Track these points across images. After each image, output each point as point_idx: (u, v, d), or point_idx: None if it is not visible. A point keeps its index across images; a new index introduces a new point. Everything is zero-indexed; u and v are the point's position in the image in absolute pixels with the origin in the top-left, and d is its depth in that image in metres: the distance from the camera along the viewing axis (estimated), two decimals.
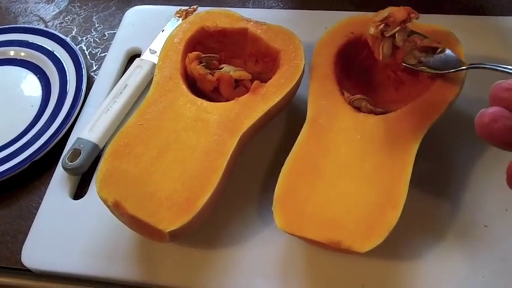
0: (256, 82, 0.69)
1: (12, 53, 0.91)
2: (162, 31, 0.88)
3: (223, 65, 0.73)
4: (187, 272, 0.66)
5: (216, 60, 0.74)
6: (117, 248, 0.68)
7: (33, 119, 0.83)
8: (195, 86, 0.73)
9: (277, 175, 0.64)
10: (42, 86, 0.87)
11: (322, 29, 0.77)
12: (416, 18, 0.66)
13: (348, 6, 0.90)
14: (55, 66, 0.87)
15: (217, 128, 0.66)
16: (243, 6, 0.95)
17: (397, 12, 0.66)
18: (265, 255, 0.66)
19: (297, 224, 0.60)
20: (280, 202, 0.61)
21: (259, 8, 0.94)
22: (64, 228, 0.71)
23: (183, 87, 0.70)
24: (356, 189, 0.61)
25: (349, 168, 0.63)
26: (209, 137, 0.65)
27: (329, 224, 0.59)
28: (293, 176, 0.63)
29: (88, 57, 0.90)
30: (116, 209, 0.61)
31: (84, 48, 0.92)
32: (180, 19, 0.88)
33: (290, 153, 0.64)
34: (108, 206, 0.63)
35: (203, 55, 0.73)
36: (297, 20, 0.85)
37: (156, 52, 0.85)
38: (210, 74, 0.71)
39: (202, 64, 0.72)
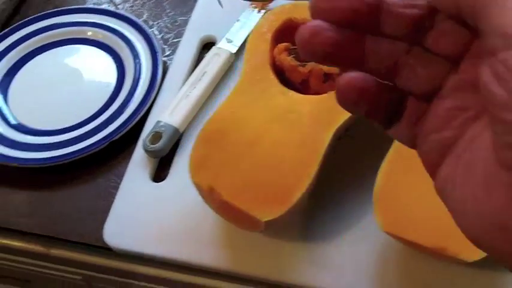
0: None
1: (89, 33, 0.91)
2: (238, 21, 0.88)
3: None
4: (272, 263, 0.66)
5: None
6: (200, 234, 0.69)
7: (109, 99, 0.83)
8: (282, 78, 0.73)
9: (368, 172, 0.64)
10: (116, 67, 0.87)
11: None
12: None
13: None
14: (129, 49, 0.88)
15: (310, 121, 0.66)
16: None
17: None
18: (357, 252, 0.65)
19: (400, 226, 0.59)
20: (381, 202, 0.61)
21: None
22: (146, 209, 0.72)
23: (273, 78, 0.71)
24: None
25: None
26: (303, 129, 0.66)
27: (435, 228, 0.57)
28: (394, 175, 0.62)
29: (160, 42, 0.90)
30: (210, 194, 0.62)
31: (156, 32, 0.92)
32: (256, 10, 0.89)
33: (389, 151, 0.64)
34: (201, 192, 0.63)
35: (292, 46, 0.73)
36: None
37: (232, 41, 0.85)
38: (301, 66, 0.71)
39: (292, 56, 0.72)
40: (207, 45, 0.88)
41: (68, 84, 0.86)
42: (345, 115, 0.66)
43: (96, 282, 0.80)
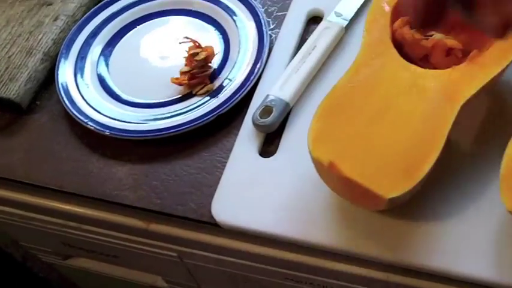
0: (475, 51, 0.66)
1: (195, 4, 0.89)
2: None
3: (432, 32, 0.70)
4: (390, 243, 0.63)
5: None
6: (313, 211, 0.66)
7: (215, 71, 0.81)
8: (401, 52, 0.69)
9: (486, 151, 0.64)
10: (221, 38, 0.85)
11: None
12: None
13: None
14: (233, 20, 0.85)
15: (436, 96, 0.63)
16: None
17: None
18: (476, 232, 0.62)
19: None
20: (509, 182, 0.57)
21: None
22: (255, 185, 0.69)
23: (394, 51, 0.67)
24: None
25: None
26: (428, 104, 0.62)
27: None
28: None
29: (264, 15, 0.88)
30: (331, 170, 0.59)
31: (260, 6, 0.89)
32: None
33: None
34: (319, 167, 0.61)
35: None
36: None
37: (342, 15, 0.82)
38: (425, 39, 0.68)
39: (414, 30, 0.69)
40: (312, 19, 0.85)
41: (172, 56, 0.84)
42: (472, 89, 0.63)
43: (192, 259, 0.78)
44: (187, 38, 0.80)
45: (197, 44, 0.80)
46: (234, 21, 0.86)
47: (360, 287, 0.69)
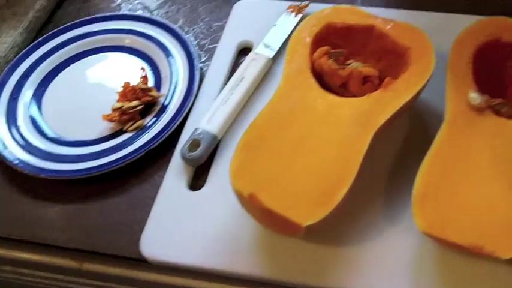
0: (388, 78, 0.68)
1: (127, 40, 0.90)
2: (274, 25, 0.87)
3: (350, 61, 0.72)
4: (311, 269, 0.64)
5: (341, 57, 0.73)
6: (239, 242, 0.67)
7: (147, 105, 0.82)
8: (320, 82, 0.71)
9: (403, 174, 0.65)
10: (152, 74, 0.86)
11: (437, 30, 0.75)
12: None
13: (458, 7, 0.87)
14: (165, 55, 0.86)
15: (351, 123, 0.65)
16: (351, 3, 0.92)
17: None
18: (391, 256, 0.64)
19: (438, 226, 0.58)
20: (421, 203, 0.60)
21: (367, 6, 0.92)
22: (183, 219, 0.70)
23: (313, 82, 0.70)
24: (499, 194, 0.59)
25: (491, 173, 0.61)
26: (343, 131, 0.64)
27: (472, 228, 0.58)
28: (433, 176, 0.61)
29: (196, 48, 0.89)
30: (251, 201, 0.60)
31: (192, 39, 0.90)
32: (293, 14, 0.87)
33: (428, 153, 0.63)
34: (241, 199, 0.62)
35: (332, 50, 0.72)
36: (408, 20, 0.82)
37: (269, 46, 0.84)
38: (341, 69, 0.70)
39: (331, 59, 0.71)
40: (242, 51, 0.87)
41: (103, 93, 0.85)
42: (384, 116, 0.65)
43: None
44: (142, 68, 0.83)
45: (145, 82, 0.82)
46: (166, 56, 0.86)
47: None
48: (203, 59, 0.88)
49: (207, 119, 0.76)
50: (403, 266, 0.63)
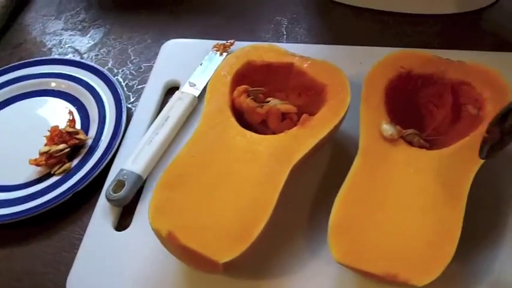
0: (304, 115, 0.70)
1: (53, 84, 0.91)
2: (201, 64, 0.88)
3: (269, 98, 0.74)
4: None
5: (261, 94, 0.75)
6: (164, 281, 0.68)
7: (75, 147, 0.83)
8: (241, 119, 0.73)
9: (323, 206, 0.64)
10: (80, 117, 0.87)
11: (356, 63, 0.80)
12: None
13: (377, 42, 0.91)
14: (93, 98, 0.88)
15: (268, 160, 0.66)
16: (277, 40, 0.95)
17: None
18: (314, 287, 0.65)
19: (353, 256, 0.60)
20: (336, 233, 0.61)
21: (293, 42, 0.95)
22: (109, 259, 0.70)
23: (232, 120, 0.71)
24: (412, 223, 0.61)
25: (404, 202, 0.63)
26: (261, 168, 0.66)
27: (386, 257, 0.59)
28: (348, 207, 0.63)
29: (125, 89, 0.90)
30: (169, 239, 0.61)
31: (121, 80, 0.92)
32: (218, 53, 0.89)
33: (344, 184, 0.64)
34: (160, 237, 0.62)
35: (251, 88, 0.74)
36: (330, 54, 0.85)
37: (195, 85, 0.85)
38: (259, 107, 0.71)
39: (250, 97, 0.73)
40: (171, 90, 0.88)
41: (31, 137, 0.85)
42: (300, 152, 0.67)
43: None
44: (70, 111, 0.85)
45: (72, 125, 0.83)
46: (95, 98, 0.88)
47: None
48: (131, 100, 0.89)
49: (132, 159, 0.77)
50: None
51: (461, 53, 0.82)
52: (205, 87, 0.85)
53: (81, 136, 0.82)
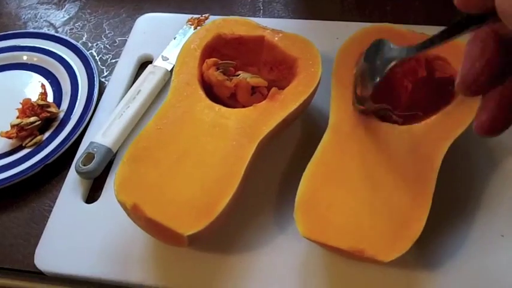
0: (274, 89, 0.69)
1: (25, 57, 0.91)
2: (174, 38, 0.88)
3: (239, 72, 0.74)
4: (202, 277, 0.66)
5: (232, 67, 0.74)
6: (131, 253, 0.68)
7: (46, 120, 0.82)
8: (211, 92, 0.73)
9: (293, 181, 0.64)
10: (53, 90, 0.87)
11: (333, 39, 0.79)
12: None
13: (355, 17, 0.91)
14: (66, 72, 0.87)
15: (235, 134, 0.66)
16: (254, 15, 0.95)
17: None
18: (282, 262, 0.65)
19: (320, 231, 0.60)
20: (303, 208, 0.61)
21: (269, 17, 0.95)
22: (77, 231, 0.71)
23: (201, 93, 0.71)
24: (381, 199, 0.61)
25: (373, 177, 0.63)
26: (228, 142, 0.66)
27: (353, 232, 0.59)
28: (315, 182, 0.63)
29: (99, 63, 0.90)
30: (135, 212, 0.61)
31: (95, 54, 0.92)
32: (192, 27, 0.89)
33: (312, 159, 0.64)
34: (126, 209, 0.63)
35: (220, 62, 0.73)
36: (307, 30, 0.85)
37: (168, 59, 0.85)
38: (228, 80, 0.71)
39: (220, 70, 0.72)
40: (145, 64, 0.88)
41: (3, 110, 0.85)
42: (269, 126, 0.67)
43: None
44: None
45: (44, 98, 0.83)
46: (68, 72, 0.87)
47: None
48: (105, 74, 0.89)
49: (102, 132, 0.77)
50: (293, 271, 0.65)
51: (439, 28, 0.81)
52: None
53: (53, 109, 0.82)
